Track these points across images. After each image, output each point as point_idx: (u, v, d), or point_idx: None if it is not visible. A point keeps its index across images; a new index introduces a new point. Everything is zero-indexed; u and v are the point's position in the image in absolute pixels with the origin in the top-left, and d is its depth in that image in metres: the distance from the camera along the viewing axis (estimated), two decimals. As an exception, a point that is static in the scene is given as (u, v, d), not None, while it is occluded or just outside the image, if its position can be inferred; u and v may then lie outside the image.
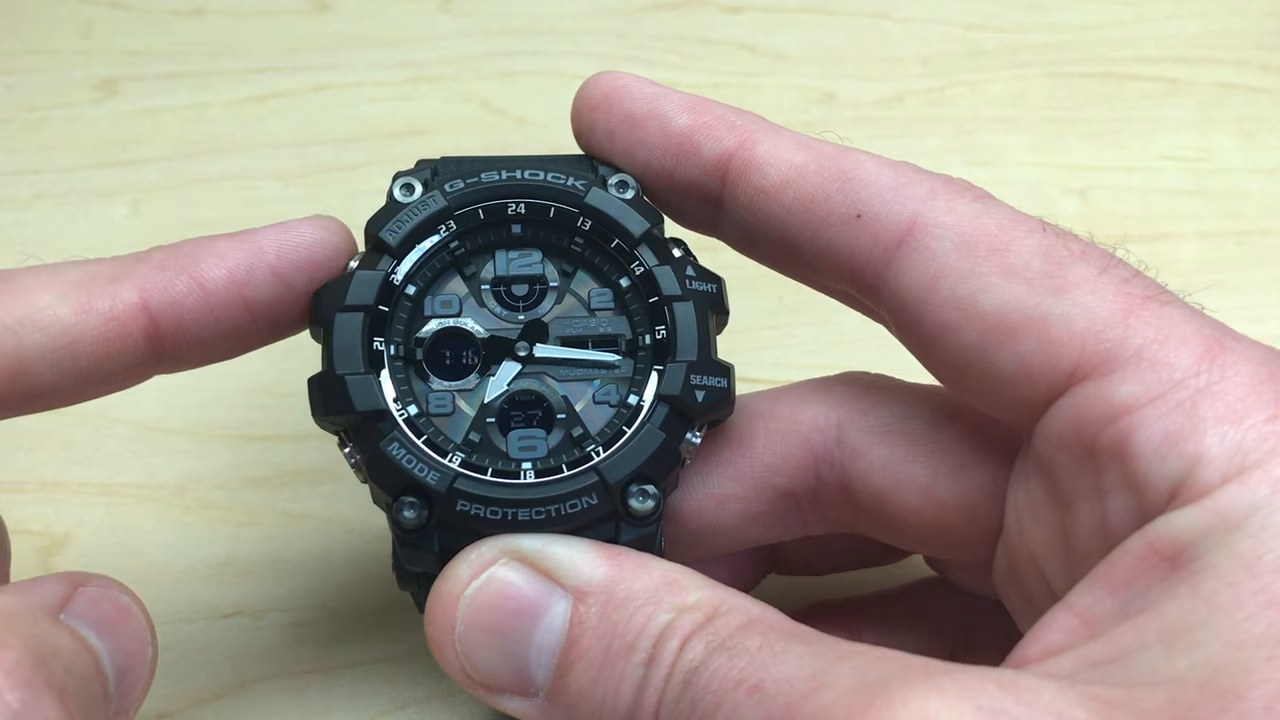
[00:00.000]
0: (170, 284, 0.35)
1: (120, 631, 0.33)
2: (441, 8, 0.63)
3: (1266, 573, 0.28)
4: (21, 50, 0.60)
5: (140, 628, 0.33)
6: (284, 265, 0.36)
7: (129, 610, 0.33)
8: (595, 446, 0.36)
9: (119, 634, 0.33)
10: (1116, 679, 0.28)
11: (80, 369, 0.35)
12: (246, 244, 0.36)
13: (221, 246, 0.36)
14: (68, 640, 0.31)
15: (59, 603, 0.32)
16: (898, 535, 0.38)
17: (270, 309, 0.37)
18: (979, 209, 0.34)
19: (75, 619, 0.32)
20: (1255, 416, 0.30)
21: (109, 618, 0.32)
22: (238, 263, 0.36)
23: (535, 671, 0.33)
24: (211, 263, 0.36)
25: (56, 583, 0.32)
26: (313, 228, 0.37)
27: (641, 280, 0.37)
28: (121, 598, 0.33)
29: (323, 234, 0.37)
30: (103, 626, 0.32)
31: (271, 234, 0.37)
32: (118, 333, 0.35)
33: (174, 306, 0.35)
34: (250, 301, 0.36)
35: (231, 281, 0.36)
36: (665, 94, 0.37)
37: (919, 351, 0.36)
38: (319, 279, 0.37)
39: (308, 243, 0.37)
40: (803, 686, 0.29)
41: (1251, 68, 0.63)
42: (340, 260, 0.37)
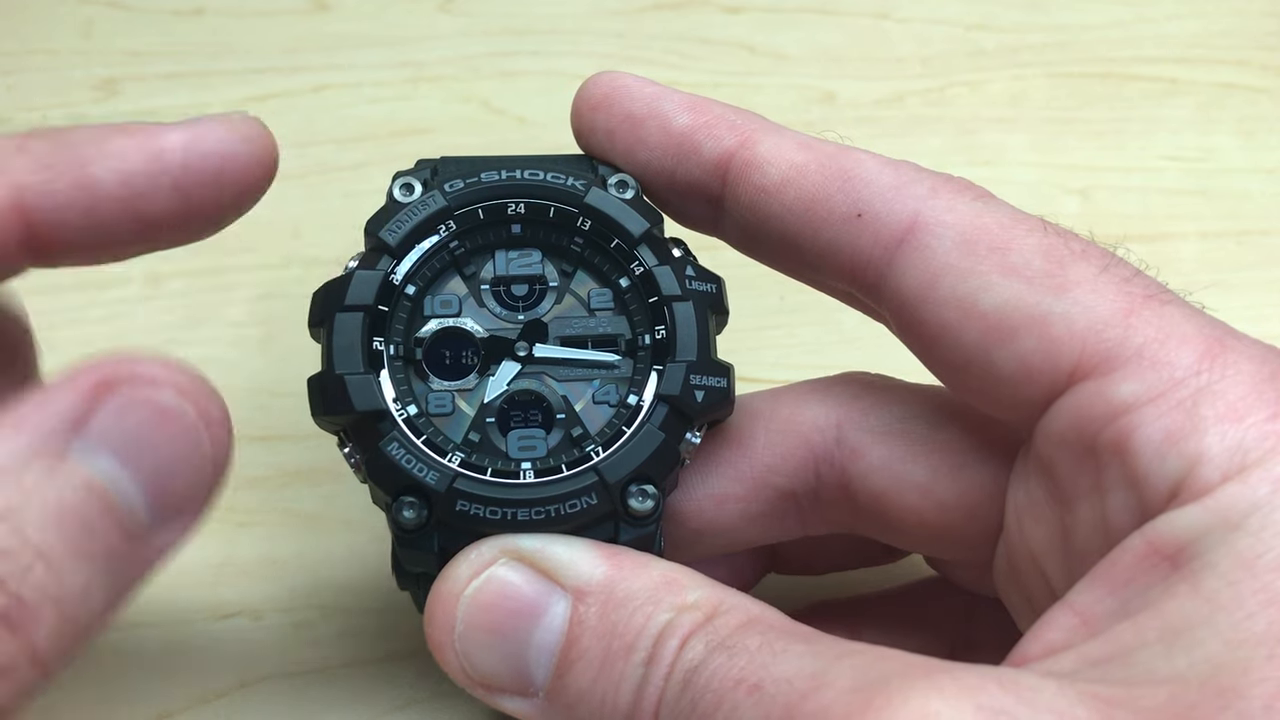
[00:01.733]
0: (51, 185, 0.31)
1: (153, 445, 0.27)
2: (441, 8, 0.63)
3: (1266, 571, 0.28)
4: (21, 50, 0.60)
5: (186, 429, 0.27)
6: (188, 179, 0.32)
7: (170, 413, 0.27)
8: (595, 446, 0.36)
9: (151, 449, 0.27)
10: (1117, 677, 0.28)
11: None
12: (148, 147, 0.31)
13: (117, 144, 0.31)
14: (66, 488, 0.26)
15: (69, 427, 0.26)
16: (897, 535, 0.38)
17: (164, 220, 0.32)
18: (980, 208, 0.34)
19: (90, 445, 0.26)
20: (1256, 415, 0.30)
21: (138, 432, 0.27)
22: (134, 169, 0.31)
23: (535, 671, 0.33)
24: (104, 165, 0.31)
25: (72, 396, 0.26)
26: (229, 133, 0.32)
27: (641, 280, 0.37)
28: (161, 396, 0.27)
29: (239, 144, 0.33)
30: (127, 447, 0.27)
31: (178, 137, 0.32)
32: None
33: (54, 210, 0.31)
34: (142, 213, 0.32)
35: (124, 190, 0.31)
36: (665, 94, 0.37)
37: (919, 351, 0.36)
38: (227, 196, 0.33)
39: (219, 152, 0.32)
40: (802, 686, 0.29)
41: (1251, 68, 0.63)
42: (255, 178, 0.33)
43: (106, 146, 0.31)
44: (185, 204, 0.32)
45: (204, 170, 0.32)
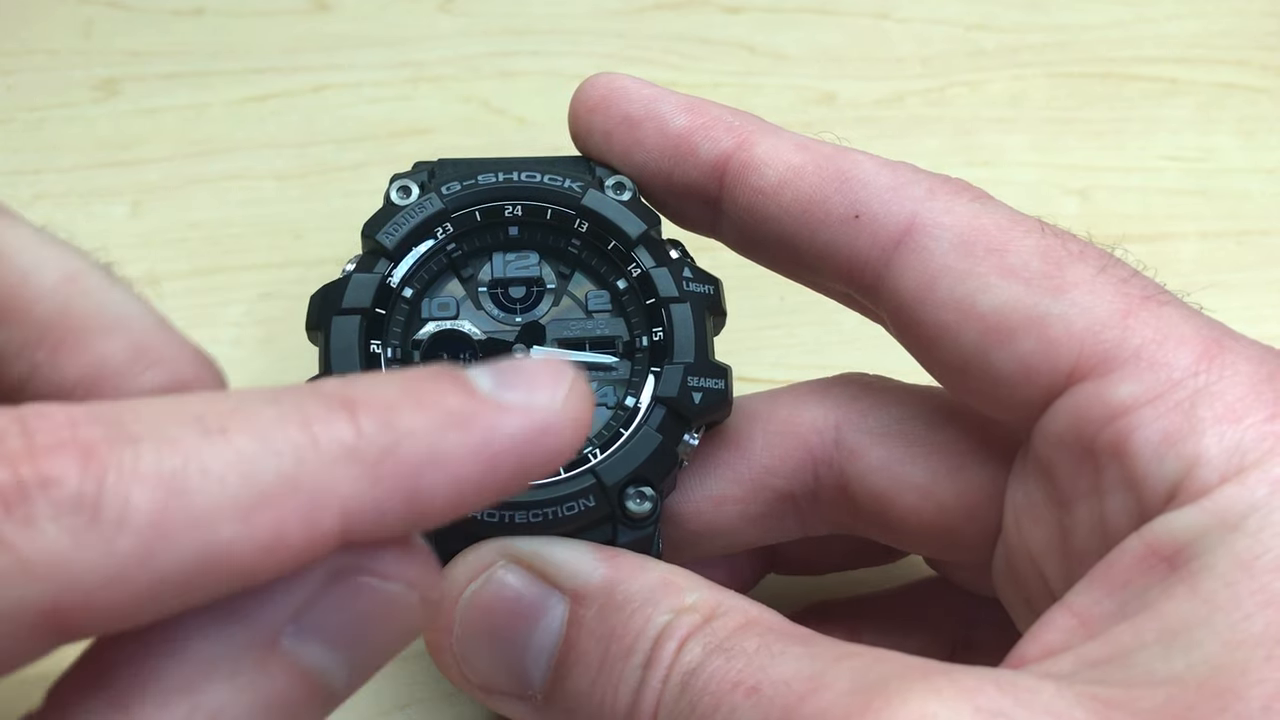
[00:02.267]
0: (383, 510, 0.24)
1: (369, 634, 0.25)
2: (441, 8, 0.63)
3: (1264, 572, 0.28)
4: (21, 50, 0.60)
5: (405, 616, 0.25)
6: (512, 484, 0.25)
7: (394, 604, 0.25)
8: (592, 448, 0.36)
9: (366, 638, 0.25)
10: (1115, 679, 0.28)
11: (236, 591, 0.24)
12: (484, 450, 0.24)
13: (452, 444, 0.24)
14: (278, 680, 0.24)
15: (286, 619, 0.24)
16: (896, 536, 0.38)
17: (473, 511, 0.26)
18: (977, 209, 0.34)
19: (304, 632, 0.24)
20: (1254, 416, 0.30)
21: (356, 622, 0.25)
22: (467, 481, 0.24)
23: (533, 674, 0.33)
24: (435, 478, 0.24)
25: (298, 589, 0.24)
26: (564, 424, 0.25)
27: (639, 282, 0.37)
28: (390, 589, 0.25)
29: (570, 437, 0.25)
30: (343, 636, 0.25)
31: (515, 432, 0.25)
32: (302, 564, 0.24)
33: (373, 532, 0.24)
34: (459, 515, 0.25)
35: (451, 508, 0.25)
36: (663, 95, 0.37)
37: (918, 352, 0.36)
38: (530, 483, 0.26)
39: (552, 453, 0.25)
40: (800, 688, 0.29)
41: (1251, 68, 0.63)
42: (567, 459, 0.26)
43: (443, 449, 0.24)
44: (500, 497, 0.25)
45: (534, 467, 0.25)
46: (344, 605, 0.25)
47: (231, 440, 0.23)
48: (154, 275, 0.54)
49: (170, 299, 0.53)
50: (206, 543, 0.22)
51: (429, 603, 0.26)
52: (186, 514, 0.22)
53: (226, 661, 0.24)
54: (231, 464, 0.22)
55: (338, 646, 0.25)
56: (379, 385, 0.25)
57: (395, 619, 0.25)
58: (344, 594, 0.25)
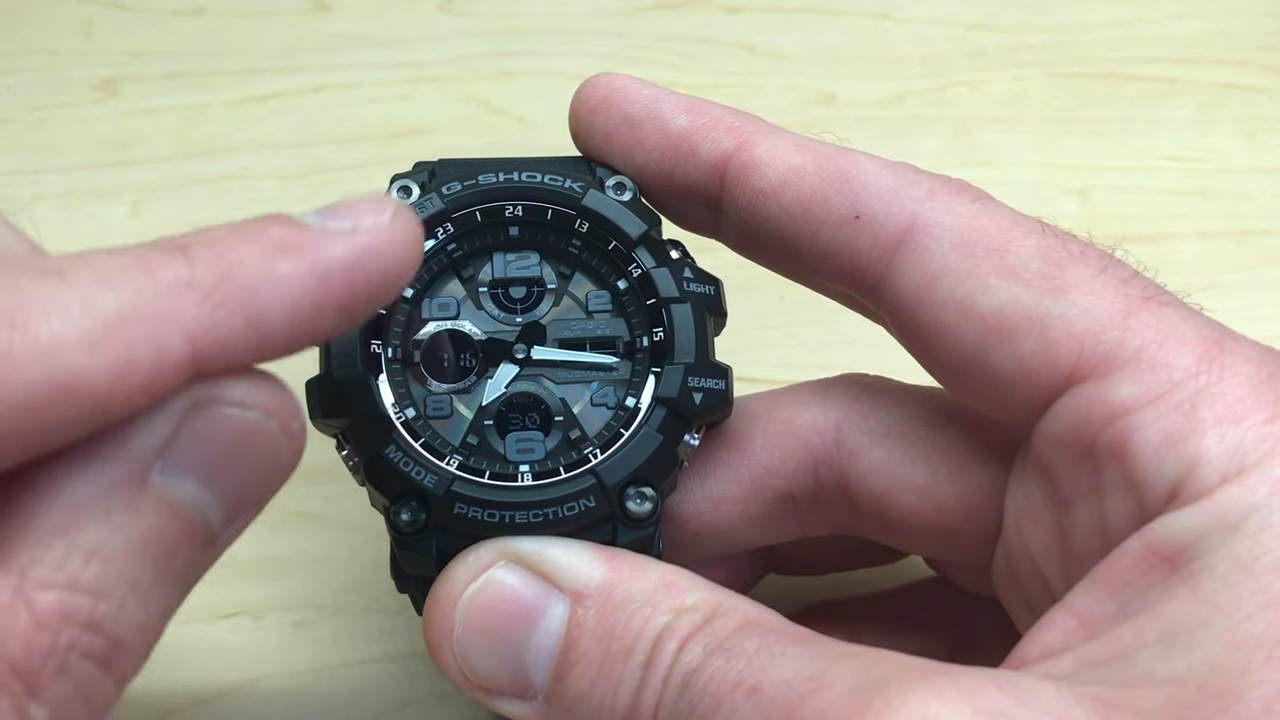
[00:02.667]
0: (225, 330, 0.25)
1: (236, 465, 0.26)
2: (441, 8, 0.63)
3: (1265, 574, 0.28)
4: (21, 50, 0.60)
5: (269, 446, 0.27)
6: (354, 297, 0.27)
7: (255, 432, 0.26)
8: (593, 449, 0.36)
9: (233, 469, 0.26)
10: (1115, 679, 0.28)
11: (99, 425, 0.25)
12: (316, 271, 0.26)
13: (284, 270, 0.26)
14: (152, 517, 0.25)
15: (152, 453, 0.25)
16: (897, 536, 0.38)
17: (319, 338, 0.28)
18: (978, 210, 0.34)
19: (171, 469, 0.25)
20: (1254, 417, 0.30)
21: (221, 453, 0.26)
22: (302, 299, 0.26)
23: (533, 674, 0.33)
24: (272, 297, 0.26)
25: (158, 423, 0.25)
26: (391, 242, 0.27)
27: (639, 282, 0.37)
28: (249, 417, 0.26)
29: (402, 251, 0.28)
30: (210, 468, 0.26)
31: (343, 252, 0.27)
32: (156, 390, 0.25)
33: (223, 353, 0.26)
34: (301, 339, 0.27)
35: (291, 322, 0.26)
36: (663, 95, 0.37)
37: (918, 352, 0.36)
38: (382, 302, 0.28)
39: (385, 269, 0.27)
40: (800, 688, 0.29)
41: (1251, 68, 0.63)
42: (407, 277, 0.28)
43: (274, 272, 0.26)
44: (348, 319, 0.28)
45: (368, 285, 0.27)
46: (207, 436, 0.26)
47: (70, 281, 0.24)
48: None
49: (170, 299, 0.53)
50: (56, 371, 0.23)
51: (293, 435, 0.27)
52: (32, 346, 0.23)
53: (99, 501, 0.25)
54: (72, 300, 0.24)
55: (206, 479, 0.26)
56: (209, 230, 0.27)
57: (258, 448, 0.27)
58: (204, 424, 0.26)
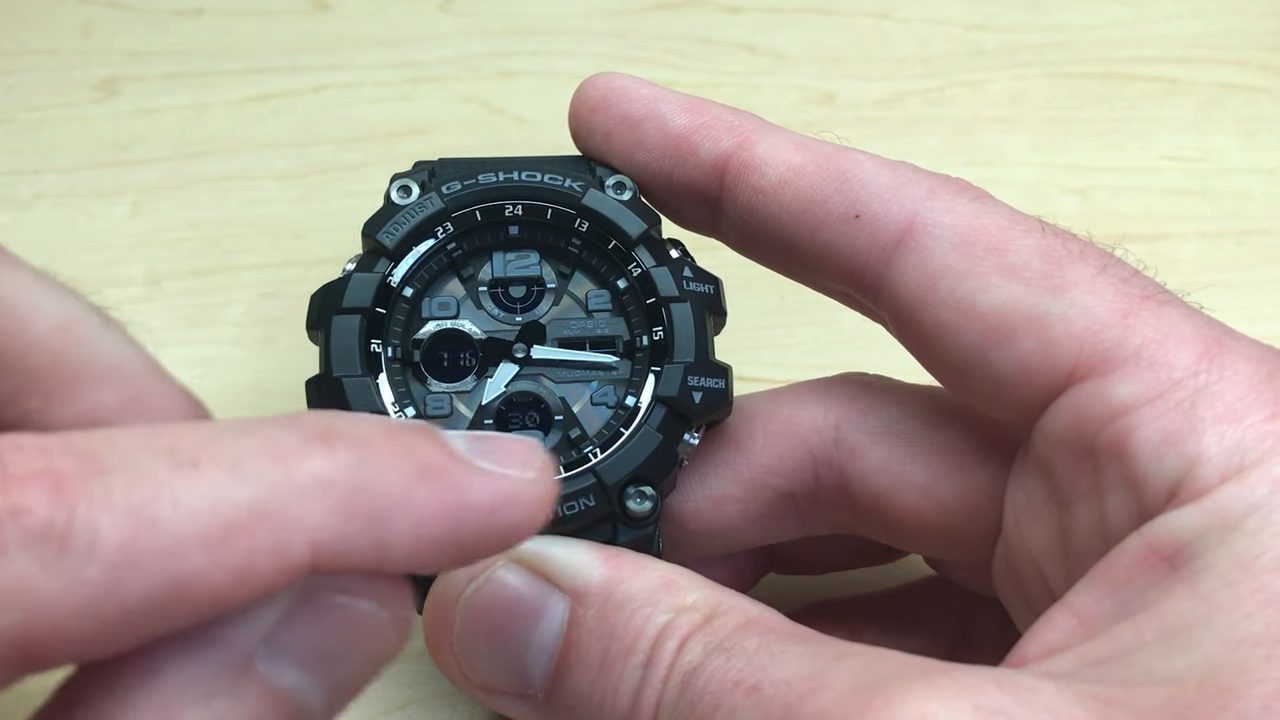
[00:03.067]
0: (350, 544, 0.24)
1: (344, 655, 0.25)
2: (441, 8, 0.63)
3: (1264, 572, 0.28)
4: (21, 50, 0.60)
5: (378, 636, 0.25)
6: (477, 548, 0.25)
7: (366, 623, 0.25)
8: (593, 448, 0.36)
9: (341, 660, 0.25)
10: (1115, 678, 0.28)
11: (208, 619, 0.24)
12: (452, 507, 0.25)
13: (422, 498, 0.24)
14: (253, 704, 0.24)
15: (259, 641, 0.24)
16: (896, 536, 0.38)
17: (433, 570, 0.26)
18: (977, 209, 0.34)
19: (277, 656, 0.24)
20: (1254, 416, 0.30)
21: (330, 643, 0.25)
22: (432, 535, 0.24)
23: (533, 673, 0.33)
24: (403, 525, 0.24)
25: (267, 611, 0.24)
26: (531, 497, 0.26)
27: (639, 281, 0.37)
28: (360, 606, 0.25)
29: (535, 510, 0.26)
30: (317, 658, 0.25)
31: (484, 495, 0.25)
32: (272, 592, 0.24)
33: (342, 566, 0.24)
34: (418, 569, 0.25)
35: (413, 557, 0.25)
36: (663, 95, 0.37)
37: (918, 351, 0.36)
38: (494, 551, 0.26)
39: (517, 523, 0.25)
40: (800, 687, 0.29)
41: (1251, 68, 0.63)
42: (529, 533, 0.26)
43: (412, 498, 0.24)
44: (460, 560, 0.26)
45: (495, 534, 0.25)
46: (315, 624, 0.25)
47: (203, 472, 0.23)
48: (154, 275, 0.54)
49: (170, 299, 0.53)
50: (176, 572, 0.22)
51: (400, 622, 0.26)
52: (156, 544, 0.22)
53: (201, 686, 0.24)
54: (202, 495, 0.23)
55: (311, 667, 0.25)
56: (358, 423, 0.25)
57: (367, 638, 0.25)
58: (314, 613, 0.25)
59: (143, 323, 0.53)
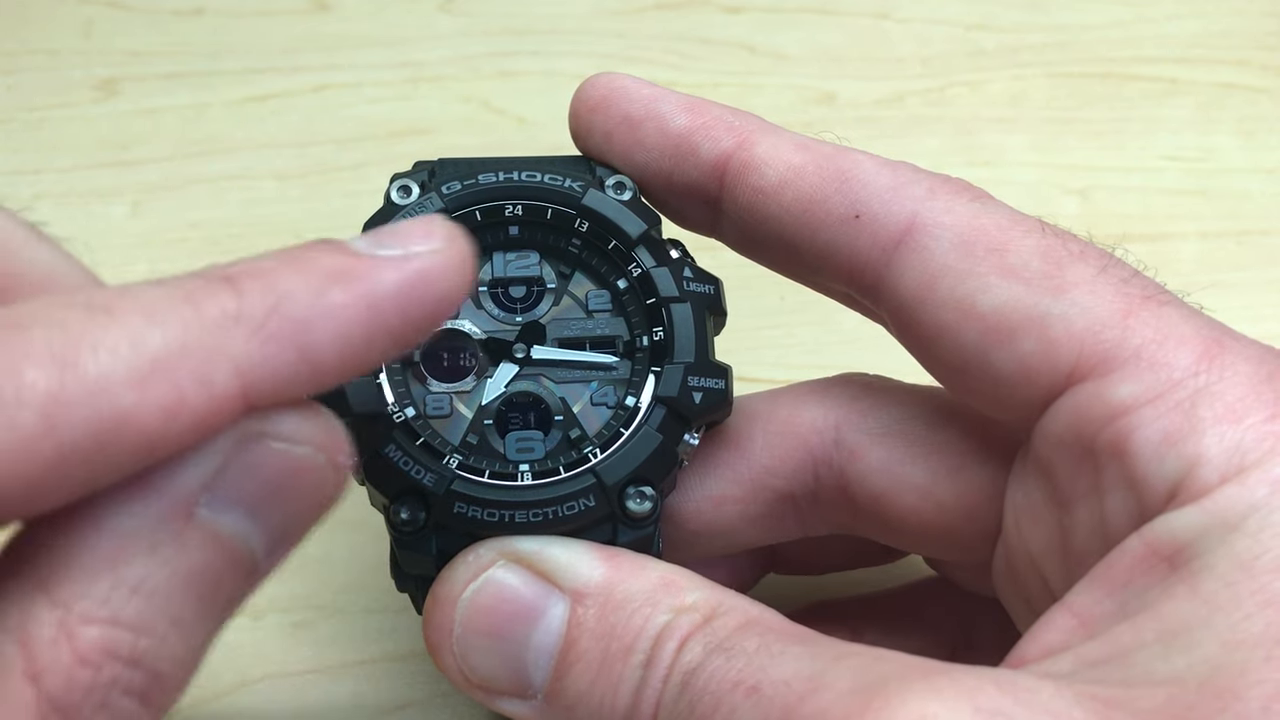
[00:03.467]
0: (277, 365, 0.25)
1: (283, 498, 0.26)
2: (441, 8, 0.63)
3: (1264, 573, 0.28)
4: (21, 50, 0.60)
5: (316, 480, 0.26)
6: (405, 326, 0.26)
7: (304, 467, 0.26)
8: (593, 448, 0.36)
9: (280, 503, 0.26)
10: (1114, 679, 0.28)
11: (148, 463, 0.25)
12: (366, 299, 0.26)
13: (335, 300, 0.25)
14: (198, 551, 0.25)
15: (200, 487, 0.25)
16: (896, 536, 0.38)
17: (367, 367, 0.27)
18: (977, 209, 0.34)
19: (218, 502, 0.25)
20: (1254, 416, 0.30)
21: (269, 487, 0.26)
22: (353, 329, 0.26)
23: (533, 673, 0.33)
24: (323, 329, 0.25)
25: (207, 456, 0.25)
26: (442, 267, 0.27)
27: (639, 282, 0.37)
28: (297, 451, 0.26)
29: (453, 276, 0.27)
30: (257, 501, 0.26)
31: (392, 277, 0.26)
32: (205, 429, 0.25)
33: (274, 390, 0.25)
34: (350, 369, 0.26)
35: (342, 353, 0.26)
36: (663, 95, 0.37)
37: (918, 352, 0.36)
38: (430, 329, 0.27)
39: (435, 296, 0.27)
40: (800, 687, 0.29)
41: (1251, 68, 0.63)
42: (457, 303, 0.28)
43: (325, 302, 0.25)
44: (396, 347, 0.27)
45: (421, 312, 0.26)
46: (254, 470, 0.26)
47: (118, 317, 0.24)
48: (154, 275, 0.54)
49: (170, 299, 0.53)
50: (106, 410, 0.23)
51: (339, 468, 0.27)
52: (82, 386, 0.23)
53: (144, 534, 0.24)
54: (120, 337, 0.23)
55: (252, 512, 0.26)
56: (257, 259, 0.26)
57: (306, 482, 0.26)
58: (253, 458, 0.25)
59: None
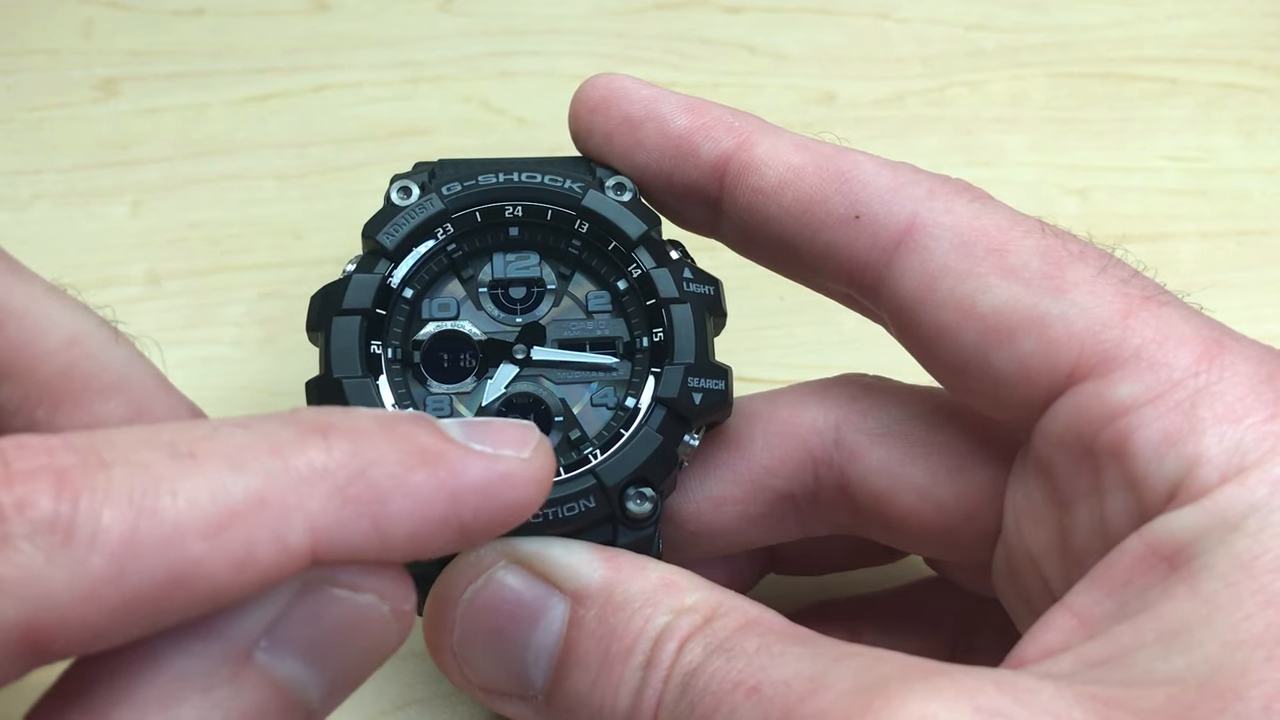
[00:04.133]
0: (349, 530, 0.25)
1: (343, 647, 0.26)
2: (441, 8, 0.63)
3: (1264, 573, 0.28)
4: (21, 50, 0.60)
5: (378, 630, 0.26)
6: (476, 525, 0.26)
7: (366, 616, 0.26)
8: (593, 449, 0.36)
9: (340, 652, 0.26)
10: (1114, 679, 0.28)
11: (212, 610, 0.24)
12: (447, 488, 0.26)
13: (418, 481, 0.25)
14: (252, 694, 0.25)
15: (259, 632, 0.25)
16: (896, 537, 0.38)
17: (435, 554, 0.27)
18: (977, 209, 0.34)
19: (278, 647, 0.25)
20: (1254, 416, 0.30)
21: (330, 635, 0.26)
22: (429, 515, 0.26)
23: (533, 674, 0.33)
24: (401, 507, 0.25)
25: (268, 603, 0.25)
26: (525, 476, 0.27)
27: (639, 283, 0.37)
28: (360, 600, 0.26)
29: (531, 490, 0.27)
30: (316, 650, 0.25)
31: (478, 475, 0.26)
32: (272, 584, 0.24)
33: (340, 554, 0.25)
34: (413, 554, 0.26)
35: (412, 539, 0.26)
36: (663, 96, 0.37)
37: (918, 352, 0.36)
38: (496, 532, 0.27)
39: (512, 504, 0.27)
40: (800, 688, 0.29)
41: (1251, 68, 0.63)
42: (527, 514, 0.28)
43: (408, 482, 0.25)
44: (463, 542, 0.27)
45: (496, 514, 0.27)
46: (315, 617, 0.25)
47: (201, 464, 0.24)
48: (154, 275, 0.54)
49: (170, 299, 0.53)
50: (177, 560, 0.23)
51: (401, 615, 0.27)
52: (156, 533, 0.23)
53: (201, 676, 0.24)
54: (201, 485, 0.23)
55: (311, 659, 0.26)
56: (354, 415, 0.26)
57: (367, 631, 0.26)
58: (315, 605, 0.25)
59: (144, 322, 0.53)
